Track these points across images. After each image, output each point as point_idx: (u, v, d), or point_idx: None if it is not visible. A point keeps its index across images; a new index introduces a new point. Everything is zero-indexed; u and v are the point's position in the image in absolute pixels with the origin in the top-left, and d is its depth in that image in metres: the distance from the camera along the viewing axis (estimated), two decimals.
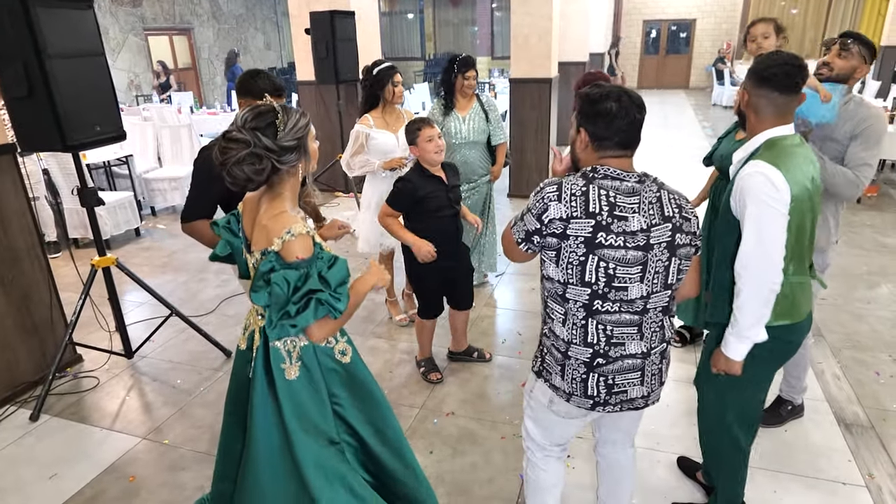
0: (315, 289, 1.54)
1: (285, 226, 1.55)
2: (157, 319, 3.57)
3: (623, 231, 1.52)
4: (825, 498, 2.33)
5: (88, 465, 2.61)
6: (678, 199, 1.61)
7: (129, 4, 12.15)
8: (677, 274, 1.61)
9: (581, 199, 1.53)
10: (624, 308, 1.58)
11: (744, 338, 1.75)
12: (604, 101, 1.56)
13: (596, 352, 1.61)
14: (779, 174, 1.65)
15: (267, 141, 1.51)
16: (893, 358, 3.28)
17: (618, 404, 1.68)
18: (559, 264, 1.57)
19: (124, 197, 5.43)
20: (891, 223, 5.49)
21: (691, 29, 18.04)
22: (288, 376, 1.71)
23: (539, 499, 1.97)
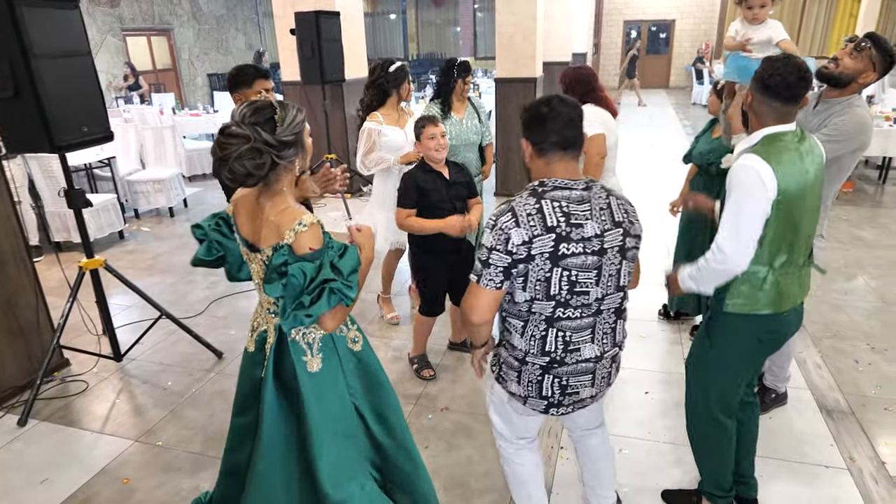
0: (329, 278, 1.56)
1: (295, 218, 1.57)
2: (146, 322, 3.55)
3: (581, 238, 1.58)
4: (809, 481, 2.40)
5: (80, 468, 2.60)
6: (625, 205, 1.69)
7: (106, 4, 11.99)
8: (627, 276, 1.70)
9: (538, 216, 1.57)
10: (584, 312, 1.65)
11: (691, 282, 1.92)
12: (536, 107, 1.63)
13: (553, 359, 1.68)
14: (768, 168, 1.69)
15: (266, 136, 1.52)
16: (871, 346, 3.37)
17: (570, 405, 1.76)
18: (526, 288, 1.61)
19: (107, 199, 5.38)
20: (865, 217, 5.64)
21: (671, 29, 18.28)
22: (310, 368, 1.71)
23: (522, 492, 2.01)
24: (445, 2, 18.89)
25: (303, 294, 1.55)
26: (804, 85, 1.71)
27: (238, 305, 4.14)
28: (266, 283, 1.59)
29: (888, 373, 3.12)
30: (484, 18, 18.49)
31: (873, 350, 3.34)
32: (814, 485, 2.38)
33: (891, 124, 6.00)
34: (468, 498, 2.36)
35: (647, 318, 3.74)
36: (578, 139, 1.64)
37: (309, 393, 1.70)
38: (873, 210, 5.88)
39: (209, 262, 1.86)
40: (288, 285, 1.54)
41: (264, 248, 1.63)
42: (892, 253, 4.73)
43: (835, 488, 2.36)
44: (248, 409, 1.84)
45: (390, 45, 19.57)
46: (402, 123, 3.48)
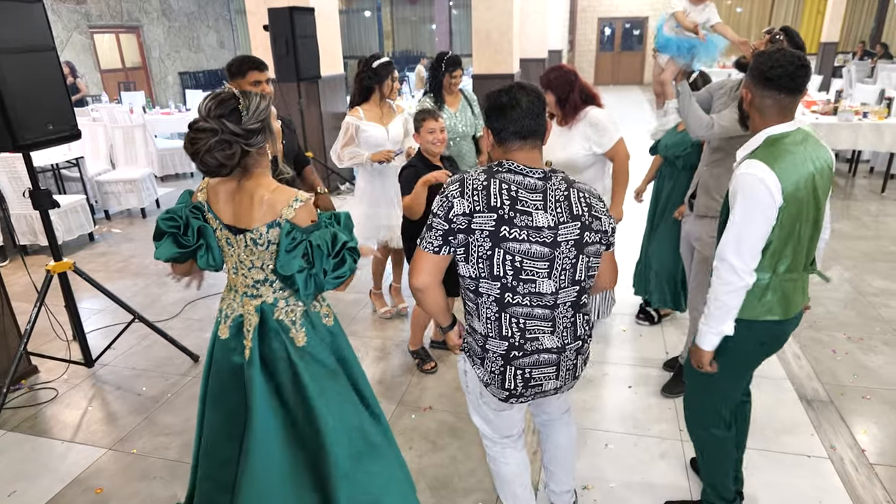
0: (346, 240, 1.66)
1: (291, 195, 1.64)
2: (118, 326, 3.45)
3: (526, 225, 1.55)
4: (792, 470, 2.42)
5: (50, 479, 2.50)
6: (588, 198, 1.63)
7: (72, 1, 11.68)
8: (586, 271, 1.65)
9: (482, 192, 1.56)
10: (535, 301, 1.62)
11: (713, 329, 1.77)
12: (497, 96, 1.62)
13: (511, 345, 1.66)
14: (773, 176, 1.63)
15: (233, 126, 1.57)
16: (847, 336, 3.43)
17: (532, 396, 1.74)
18: (468, 260, 1.60)
19: (76, 200, 5.22)
20: (838, 210, 5.75)
21: (644, 27, 18.48)
22: (298, 343, 1.78)
23: (508, 491, 1.99)
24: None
25: (326, 261, 1.62)
26: (806, 73, 1.67)
27: (214, 308, 4.04)
28: (279, 264, 1.64)
29: (865, 362, 3.17)
30: (459, 15, 18.47)
31: (850, 340, 3.39)
32: (796, 474, 2.40)
33: (859, 119, 6.12)
34: (454, 498, 2.33)
35: (628, 313, 3.75)
36: (539, 128, 1.62)
37: (303, 365, 1.75)
38: (845, 202, 6.00)
39: (182, 255, 1.78)
40: (313, 255, 1.62)
41: (257, 227, 1.66)
42: (864, 244, 4.83)
43: (817, 477, 2.38)
44: (223, 402, 1.81)
45: (365, 42, 19.42)
46: (385, 120, 3.44)
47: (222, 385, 1.81)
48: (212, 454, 1.86)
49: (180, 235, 1.76)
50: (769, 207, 1.65)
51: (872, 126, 6.03)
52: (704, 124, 2.39)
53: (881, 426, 2.68)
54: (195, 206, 1.78)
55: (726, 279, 1.71)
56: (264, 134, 1.64)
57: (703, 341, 1.81)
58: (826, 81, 10.31)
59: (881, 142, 6.04)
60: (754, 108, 1.75)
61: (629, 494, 2.33)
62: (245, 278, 1.76)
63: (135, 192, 6.02)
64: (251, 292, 1.77)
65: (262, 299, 1.76)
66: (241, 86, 2.69)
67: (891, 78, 9.99)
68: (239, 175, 1.68)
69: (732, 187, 1.72)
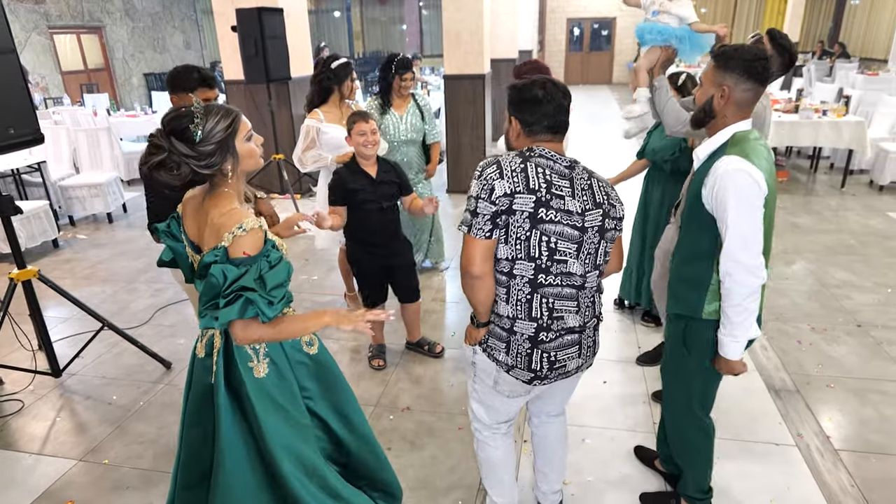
0: (247, 286, 1.49)
1: (237, 221, 1.52)
2: (86, 335, 3.37)
3: (560, 208, 1.61)
4: (761, 458, 2.49)
5: (18, 492, 2.43)
6: (606, 187, 1.72)
7: (30, 1, 11.34)
8: (604, 256, 1.74)
9: (521, 175, 1.60)
10: (565, 281, 1.68)
11: (739, 337, 1.75)
12: (531, 89, 1.65)
13: (540, 326, 1.69)
14: (755, 168, 1.65)
15: (182, 147, 1.48)
16: (812, 327, 3.54)
17: (555, 377, 1.78)
18: (507, 241, 1.63)
19: (39, 206, 5.07)
20: (801, 205, 5.92)
21: (612, 27, 18.74)
22: (256, 374, 1.67)
23: (494, 476, 2.04)
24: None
25: (219, 296, 1.50)
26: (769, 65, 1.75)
27: (186, 313, 3.98)
28: (196, 279, 1.56)
29: (829, 352, 3.28)
30: (430, 16, 18.48)
31: (814, 331, 3.50)
32: (765, 462, 2.47)
33: (819, 117, 6.31)
34: (434, 497, 2.34)
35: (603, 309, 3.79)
36: (567, 123, 1.69)
37: (257, 398, 1.65)
38: (807, 198, 6.18)
39: (170, 262, 1.79)
40: (206, 284, 1.49)
41: (206, 252, 1.56)
42: (826, 238, 4.98)
43: (785, 464, 2.45)
44: (202, 418, 1.77)
45: (335, 42, 19.28)
46: (345, 121, 3.40)
47: (199, 402, 1.77)
48: (190, 467, 1.83)
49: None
50: (759, 198, 1.67)
51: (832, 124, 6.22)
52: (681, 119, 2.37)
53: (845, 413, 2.77)
54: (173, 217, 1.75)
55: (742, 281, 1.68)
56: (220, 155, 1.53)
57: (731, 352, 1.78)
58: (787, 80, 10.60)
59: (840, 139, 6.23)
60: (732, 102, 1.74)
61: (606, 487, 2.37)
62: None
63: (100, 196, 5.88)
64: None
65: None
66: (186, 100, 2.52)
67: (848, 77, 10.33)
68: (204, 191, 1.62)
69: (715, 186, 1.69)
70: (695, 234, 1.84)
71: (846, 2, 15.82)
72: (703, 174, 1.77)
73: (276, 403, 1.68)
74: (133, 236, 5.63)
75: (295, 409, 1.73)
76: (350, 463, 1.93)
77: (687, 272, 1.88)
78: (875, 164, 6.43)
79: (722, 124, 1.78)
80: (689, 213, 1.84)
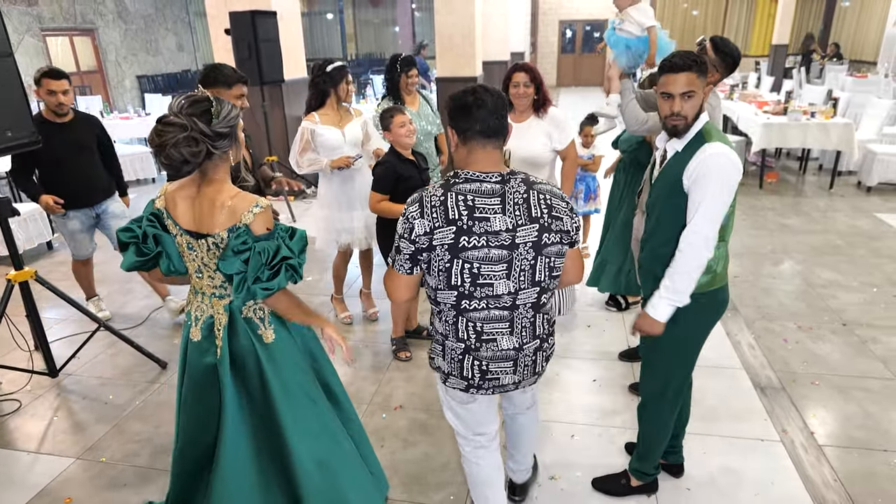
0: (287, 256, 1.68)
1: (251, 201, 1.68)
2: (83, 335, 3.39)
3: (486, 231, 1.60)
4: (747, 454, 2.55)
5: (16, 490, 2.46)
6: (549, 199, 1.66)
7: (23, 3, 11.32)
8: (548, 272, 1.69)
9: (440, 209, 1.61)
10: (492, 304, 1.68)
11: (675, 302, 1.90)
12: (462, 97, 1.65)
13: (468, 346, 1.73)
14: (733, 152, 1.83)
15: (202, 126, 1.61)
16: (798, 326, 3.61)
17: (490, 389, 1.79)
18: (430, 273, 1.68)
19: (34, 208, 5.08)
20: (789, 206, 6.00)
21: (604, 29, 18.82)
22: (266, 340, 1.82)
23: (480, 493, 2.02)
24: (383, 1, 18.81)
25: (263, 269, 1.65)
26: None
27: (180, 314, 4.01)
28: (222, 261, 1.67)
29: (814, 350, 3.35)
30: (422, 18, 18.53)
31: (800, 329, 3.57)
32: (751, 458, 2.53)
33: (808, 118, 6.40)
34: (427, 493, 2.38)
35: (593, 309, 3.86)
36: (502, 128, 1.67)
37: (268, 363, 1.79)
38: (796, 199, 6.27)
39: (143, 262, 1.84)
40: (251, 261, 1.65)
41: (218, 232, 1.69)
42: (814, 238, 5.06)
43: (770, 460, 2.51)
44: (200, 402, 1.85)
45: (328, 45, 19.30)
46: (342, 124, 3.45)
47: (197, 387, 1.84)
48: (187, 454, 1.89)
49: (141, 244, 1.81)
50: (736, 182, 1.84)
51: (820, 125, 6.30)
52: (640, 120, 2.65)
53: (829, 410, 2.84)
54: (153, 214, 1.83)
55: (700, 253, 1.84)
56: (230, 140, 1.69)
57: (661, 313, 1.93)
58: (777, 82, 10.72)
59: (828, 140, 6.32)
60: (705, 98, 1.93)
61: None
62: (211, 280, 1.79)
63: None
64: (219, 293, 1.81)
65: (231, 298, 1.80)
66: (220, 94, 2.61)
67: (837, 79, 10.46)
68: (198, 181, 1.72)
69: (698, 170, 1.82)
70: (672, 217, 1.94)
71: (836, 4, 15.99)
72: (682, 162, 1.88)
73: (287, 364, 1.83)
74: None
75: (303, 373, 1.88)
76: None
77: (665, 253, 1.97)
78: (863, 165, 6.53)
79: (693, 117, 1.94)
80: (667, 197, 1.94)
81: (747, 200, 6.20)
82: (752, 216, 5.68)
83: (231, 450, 1.78)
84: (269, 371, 1.79)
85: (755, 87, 10.03)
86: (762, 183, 6.76)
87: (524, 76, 2.86)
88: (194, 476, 1.88)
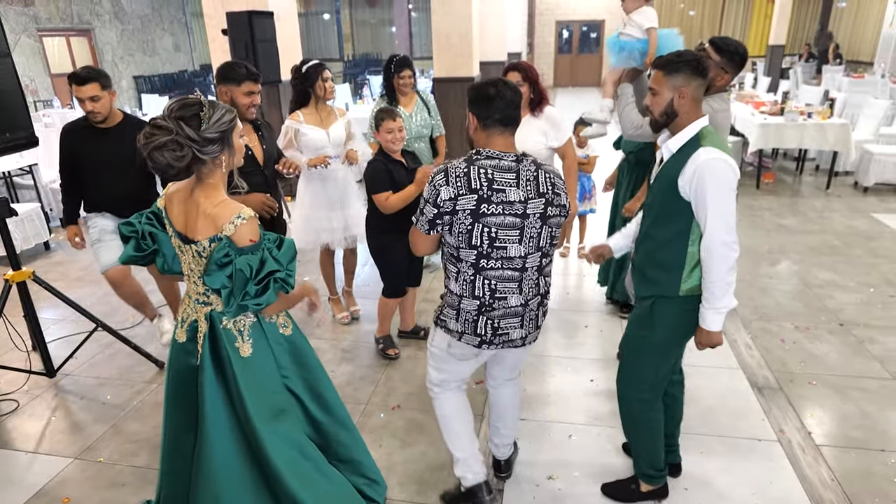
0: (273, 270, 1.65)
1: (234, 212, 1.64)
2: (80, 335, 3.39)
3: (502, 201, 1.84)
4: (745, 454, 2.55)
5: (14, 490, 2.46)
6: (552, 178, 1.93)
7: (19, 3, 11.30)
8: (549, 239, 1.95)
9: (464, 179, 1.84)
10: (506, 265, 1.91)
11: (721, 308, 1.91)
12: (485, 87, 1.89)
13: (483, 303, 1.93)
14: (730, 158, 1.85)
15: (189, 131, 1.58)
16: (795, 326, 3.62)
17: (500, 344, 2.01)
18: (452, 233, 1.89)
19: (31, 209, 5.08)
20: (786, 206, 6.02)
21: (601, 29, 18.87)
22: (243, 353, 1.79)
23: (450, 428, 2.23)
24: (380, 1, 18.81)
25: (249, 285, 1.62)
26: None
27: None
28: (207, 276, 1.64)
29: (811, 350, 3.36)
30: (419, 18, 18.53)
31: (797, 329, 3.58)
32: (749, 458, 2.54)
33: (804, 119, 6.41)
34: (424, 492, 2.39)
35: (590, 310, 3.87)
36: (516, 118, 1.92)
37: (241, 377, 1.76)
38: (793, 199, 6.29)
39: (140, 257, 1.87)
40: (235, 277, 1.62)
41: (200, 240, 1.67)
42: (811, 238, 5.08)
43: (767, 460, 2.52)
44: (183, 401, 1.85)
45: (325, 45, 19.31)
46: (326, 123, 3.44)
47: (181, 385, 1.85)
48: (174, 451, 1.89)
49: (140, 239, 1.83)
50: (735, 183, 1.85)
51: (817, 126, 6.33)
52: (635, 125, 2.66)
53: (826, 409, 2.85)
54: (152, 212, 1.84)
55: (726, 257, 1.85)
56: (221, 145, 1.65)
57: (714, 323, 1.93)
58: (774, 83, 10.75)
59: (825, 141, 6.34)
60: (689, 99, 1.90)
61: (592, 482, 2.42)
62: (196, 286, 1.79)
63: None
64: (202, 300, 1.80)
65: (212, 307, 1.79)
66: (231, 92, 2.72)
67: (834, 79, 10.49)
68: (192, 184, 1.71)
69: (696, 174, 1.83)
70: (668, 219, 1.96)
71: (833, 5, 16.04)
72: (678, 165, 1.89)
73: (260, 380, 1.80)
74: None
75: (276, 387, 1.84)
76: (328, 443, 2.02)
77: (661, 256, 2.00)
78: (860, 165, 6.55)
79: (686, 121, 1.93)
80: (663, 200, 1.96)
81: (744, 200, 6.22)
82: (749, 216, 5.70)
83: (215, 452, 1.78)
84: (242, 385, 1.76)
85: (752, 88, 10.06)
86: (759, 183, 6.78)
87: (517, 75, 2.92)
88: (182, 474, 1.88)
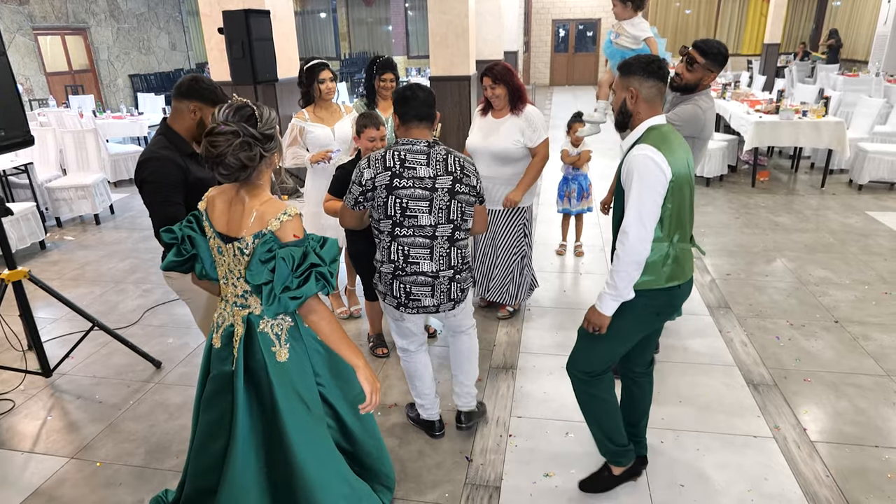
0: (316, 263, 1.68)
1: (280, 209, 1.69)
2: (76, 335, 3.38)
3: (413, 176, 2.20)
4: (740, 451, 2.57)
5: (10, 491, 2.45)
6: (462, 162, 2.29)
7: (14, 2, 11.25)
8: (460, 214, 2.28)
9: (381, 161, 2.22)
10: (417, 233, 2.24)
11: (618, 297, 1.99)
12: (403, 91, 2.29)
13: (396, 267, 2.28)
14: (662, 156, 1.89)
15: (253, 130, 1.64)
16: (790, 323, 3.63)
17: (415, 309, 2.34)
18: (374, 207, 2.25)
19: (26, 208, 5.06)
20: (781, 204, 6.04)
21: (597, 28, 18.88)
22: (279, 358, 1.79)
23: (412, 381, 2.62)
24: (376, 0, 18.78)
25: (290, 278, 1.64)
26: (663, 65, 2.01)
27: (174, 313, 4.00)
28: (249, 271, 1.66)
29: (806, 347, 3.37)
30: (416, 17, 18.52)
31: (792, 326, 3.60)
32: (744, 454, 2.55)
33: (799, 117, 6.44)
34: (422, 491, 2.39)
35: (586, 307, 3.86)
36: (430, 114, 2.30)
37: (278, 382, 1.76)
38: (788, 197, 6.31)
39: (180, 262, 1.88)
40: (277, 269, 1.63)
41: (245, 237, 1.69)
42: (805, 236, 5.10)
43: (763, 456, 2.53)
44: (217, 405, 1.85)
45: (321, 43, 19.27)
46: (332, 121, 3.46)
47: (217, 389, 1.84)
48: (201, 455, 1.89)
49: (180, 245, 1.84)
50: (659, 181, 1.89)
51: (811, 124, 6.35)
52: None
53: (821, 406, 2.86)
54: (193, 215, 1.85)
55: (632, 250, 1.91)
56: (275, 141, 1.71)
57: (606, 308, 2.02)
58: (769, 81, 10.78)
59: (820, 139, 6.37)
60: (642, 101, 1.98)
61: None
62: (235, 288, 1.79)
63: (87, 198, 5.87)
64: (240, 302, 1.80)
65: (250, 310, 1.78)
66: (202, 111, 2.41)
67: (829, 78, 10.52)
68: (237, 185, 1.73)
69: (626, 169, 1.95)
70: (621, 214, 2.02)
71: (828, 3, 16.09)
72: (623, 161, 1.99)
73: (295, 388, 1.79)
74: (120, 238, 5.63)
75: (311, 394, 1.84)
76: (355, 451, 2.04)
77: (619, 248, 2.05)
78: (854, 163, 6.57)
79: (638, 120, 2.01)
80: (616, 195, 2.06)
81: (739, 199, 6.24)
82: (745, 214, 5.72)
83: (241, 460, 1.78)
84: (278, 391, 1.75)
85: (747, 86, 10.09)
86: (754, 181, 6.80)
87: (487, 80, 3.16)
88: (209, 476, 1.88)
